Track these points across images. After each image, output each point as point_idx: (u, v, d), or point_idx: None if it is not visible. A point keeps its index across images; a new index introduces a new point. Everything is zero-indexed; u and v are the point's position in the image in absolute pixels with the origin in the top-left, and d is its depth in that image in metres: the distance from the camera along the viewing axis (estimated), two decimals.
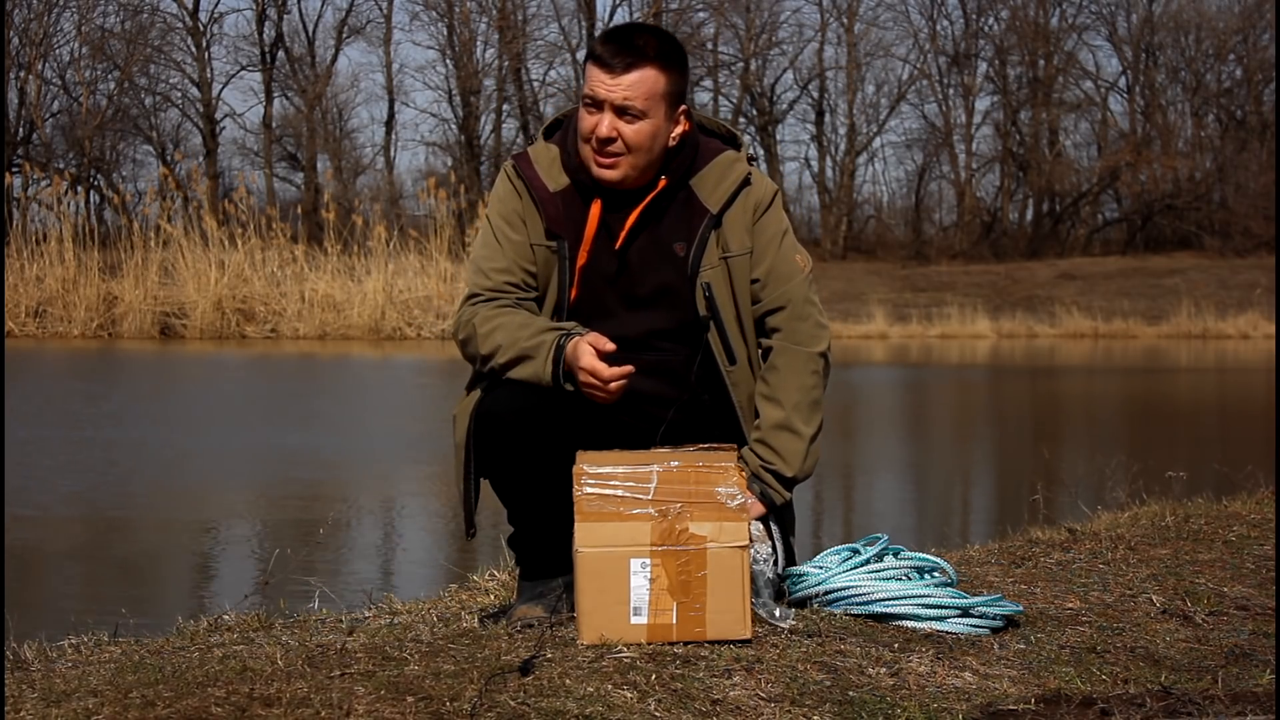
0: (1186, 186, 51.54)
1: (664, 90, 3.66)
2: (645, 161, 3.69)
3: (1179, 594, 4.15)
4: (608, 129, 3.64)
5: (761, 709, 3.06)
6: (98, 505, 9.38)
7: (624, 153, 3.66)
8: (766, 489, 3.72)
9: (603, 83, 3.64)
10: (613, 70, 3.64)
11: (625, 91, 3.63)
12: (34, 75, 47.22)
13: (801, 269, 3.84)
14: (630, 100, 3.63)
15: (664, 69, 3.67)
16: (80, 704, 2.86)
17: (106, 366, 22.68)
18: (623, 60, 3.63)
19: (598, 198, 3.72)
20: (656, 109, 3.66)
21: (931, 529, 8.26)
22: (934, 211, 54.82)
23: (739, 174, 3.77)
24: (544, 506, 3.63)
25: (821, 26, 52.89)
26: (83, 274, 29.03)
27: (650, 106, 3.65)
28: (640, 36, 3.68)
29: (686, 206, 3.75)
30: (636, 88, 3.64)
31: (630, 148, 3.66)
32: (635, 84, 3.63)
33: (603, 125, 3.64)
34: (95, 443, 12.19)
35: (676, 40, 3.79)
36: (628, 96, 3.63)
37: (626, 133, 3.65)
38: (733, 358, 3.75)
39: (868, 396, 20.38)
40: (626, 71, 3.63)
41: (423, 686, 2.95)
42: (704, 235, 3.73)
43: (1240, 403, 19.93)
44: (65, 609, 5.79)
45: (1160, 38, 53.47)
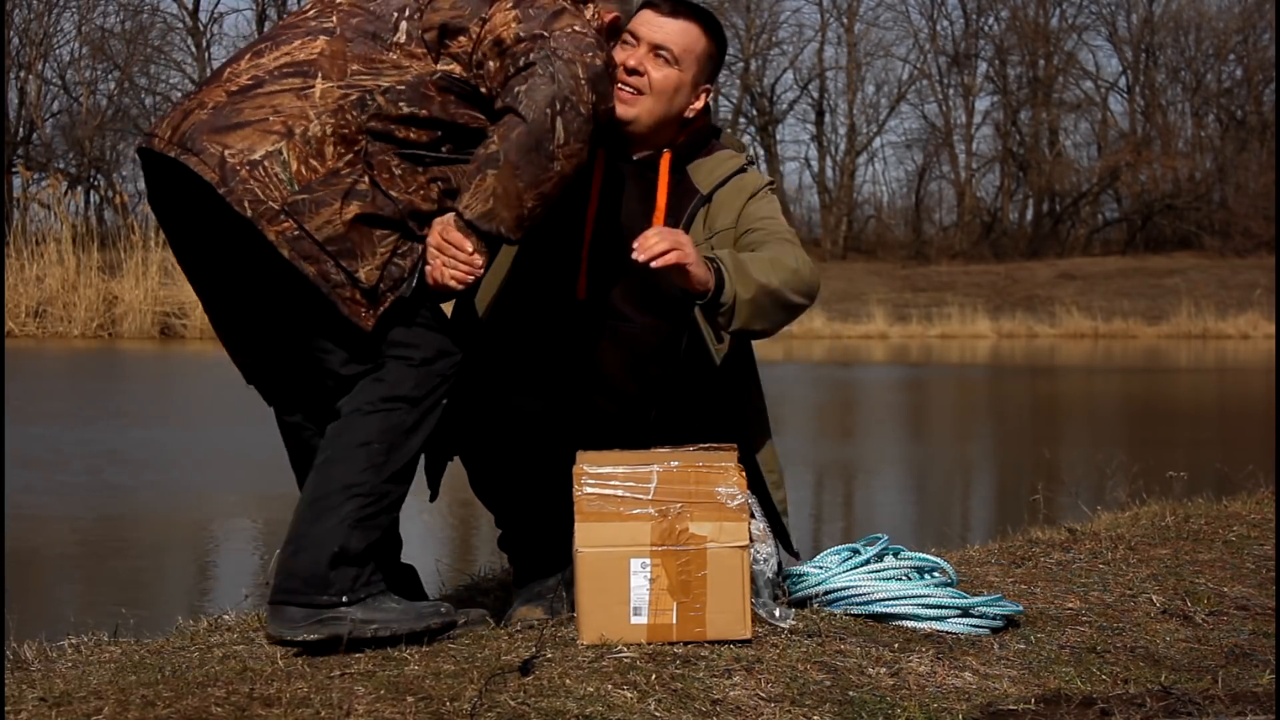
0: (1186, 186, 51.55)
1: (701, 51, 3.73)
2: (660, 112, 3.72)
3: (1179, 594, 4.15)
4: (638, 60, 3.69)
5: (761, 709, 3.06)
6: (98, 505, 9.37)
7: (645, 91, 3.69)
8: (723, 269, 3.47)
9: (648, 22, 3.71)
10: (662, 12, 3.71)
11: (666, 33, 3.70)
12: (34, 75, 47.23)
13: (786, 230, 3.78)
14: (668, 42, 3.69)
15: (708, 33, 3.74)
16: (80, 704, 2.86)
17: (106, 366, 22.68)
18: (674, 7, 3.71)
19: (601, 148, 3.72)
20: (688, 64, 3.71)
21: (931, 529, 8.26)
22: (934, 211, 54.87)
23: (733, 165, 3.81)
24: (533, 505, 3.63)
25: (821, 26, 53.01)
26: (83, 274, 29.01)
27: (683, 57, 3.70)
28: (693, 4, 3.76)
29: (680, 188, 3.77)
30: (678, 35, 3.70)
31: (652, 87, 3.69)
32: (679, 31, 3.70)
33: (634, 56, 3.69)
34: (95, 443, 12.19)
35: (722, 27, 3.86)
36: (668, 38, 3.69)
37: (653, 73, 3.69)
38: (720, 335, 3.73)
39: (868, 396, 20.38)
40: (674, 17, 3.71)
41: (423, 686, 2.95)
42: (692, 212, 3.75)
43: (1240, 403, 19.93)
44: (65, 609, 5.79)
45: (1160, 38, 53.50)
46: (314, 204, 3.22)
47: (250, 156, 3.22)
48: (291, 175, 3.22)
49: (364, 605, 3.28)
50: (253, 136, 3.23)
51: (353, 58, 3.34)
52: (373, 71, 3.32)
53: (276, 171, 3.21)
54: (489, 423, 3.61)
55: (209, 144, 3.23)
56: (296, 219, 3.21)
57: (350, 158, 3.26)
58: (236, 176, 3.20)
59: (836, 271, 45.90)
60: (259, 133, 3.24)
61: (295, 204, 3.21)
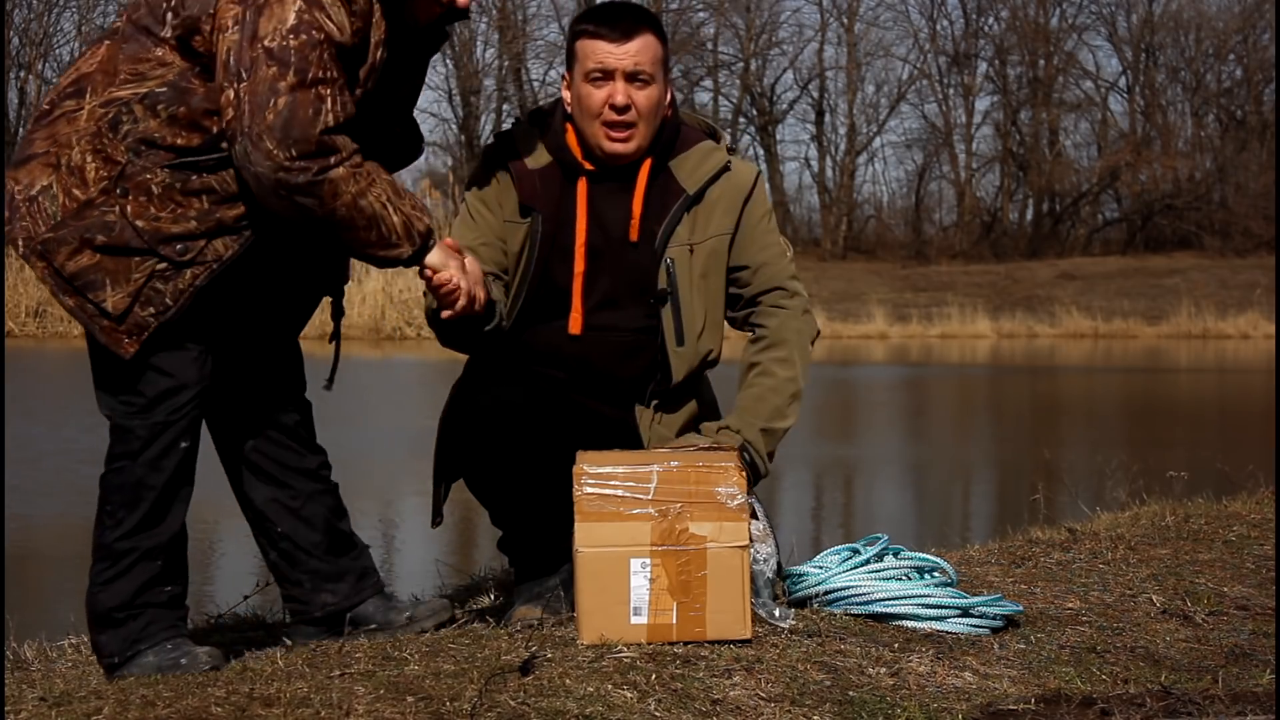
0: (1186, 186, 51.53)
1: (663, 55, 3.72)
2: (651, 130, 3.72)
3: (1179, 594, 4.15)
4: (624, 96, 3.66)
5: (761, 709, 3.06)
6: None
7: (636, 121, 3.67)
8: (756, 458, 3.70)
9: (610, 53, 3.66)
10: (617, 39, 3.65)
11: (635, 57, 3.66)
12: (34, 75, 47.23)
13: (784, 252, 3.86)
14: (641, 64, 3.66)
15: (657, 35, 3.72)
16: (80, 704, 2.86)
17: None
18: (624, 27, 3.66)
19: (583, 176, 3.73)
20: (659, 75, 3.71)
21: (931, 529, 8.26)
22: (934, 211, 54.84)
23: (719, 160, 3.79)
24: (530, 504, 3.64)
25: (821, 26, 53.00)
26: None
27: (656, 71, 3.70)
28: (626, 8, 3.72)
29: (664, 188, 3.76)
30: (644, 53, 3.67)
31: (642, 114, 3.68)
32: (642, 50, 3.67)
33: (618, 93, 3.66)
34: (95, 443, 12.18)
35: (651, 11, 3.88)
36: (638, 61, 3.66)
37: (639, 99, 3.67)
38: (681, 338, 3.74)
39: (868, 396, 20.38)
40: (631, 37, 3.66)
41: (423, 686, 2.95)
42: (677, 214, 3.73)
43: (1240, 403, 19.93)
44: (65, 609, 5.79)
45: (1160, 38, 53.49)
46: (59, 242, 3.22)
47: (30, 192, 3.24)
48: (58, 208, 3.22)
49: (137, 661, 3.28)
50: (35, 170, 3.25)
51: (123, 61, 3.25)
52: (137, 77, 3.23)
53: (46, 206, 3.23)
54: (471, 412, 3.62)
55: (9, 180, 3.28)
56: (48, 259, 3.23)
57: (106, 184, 3.21)
58: (17, 214, 3.25)
59: (836, 271, 45.90)
60: (40, 166, 3.25)
61: (46, 242, 3.23)
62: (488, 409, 3.61)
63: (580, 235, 3.71)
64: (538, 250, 3.70)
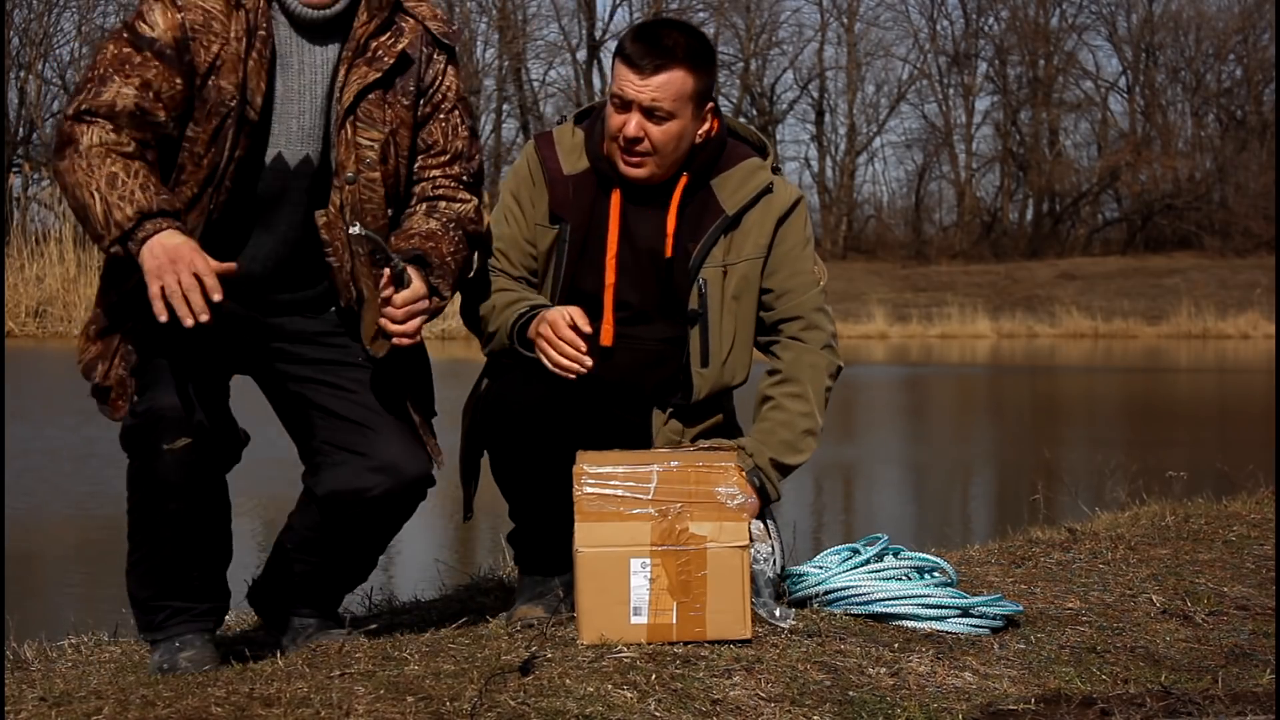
0: (1186, 186, 51.55)
1: (692, 91, 3.65)
2: (671, 160, 3.68)
3: (1179, 594, 4.15)
4: (635, 129, 3.63)
5: (761, 709, 3.06)
6: (98, 505, 9.37)
7: (650, 153, 3.65)
8: (766, 483, 3.69)
9: (631, 83, 3.62)
10: (641, 71, 3.62)
11: (654, 93, 3.61)
12: (34, 75, 47.23)
13: (816, 281, 3.82)
14: (658, 101, 3.61)
15: (692, 70, 3.64)
16: (80, 704, 2.86)
17: None
18: (652, 61, 3.61)
19: (617, 187, 3.72)
20: (684, 109, 3.65)
21: (931, 529, 8.26)
22: (934, 211, 54.89)
23: (761, 181, 3.76)
24: (548, 504, 3.63)
25: (821, 26, 52.99)
26: (83, 274, 28.99)
27: (678, 107, 3.63)
28: (669, 35, 3.66)
29: (703, 205, 3.73)
30: (665, 89, 3.62)
31: (656, 148, 3.64)
32: (664, 85, 3.61)
33: (630, 125, 3.63)
34: (95, 443, 12.18)
35: (706, 38, 3.79)
36: (656, 98, 3.61)
37: (654, 133, 3.63)
38: (706, 360, 3.73)
39: (868, 396, 20.38)
40: (655, 73, 3.61)
41: (423, 686, 2.95)
42: (714, 235, 3.71)
43: (1240, 403, 19.93)
44: (65, 609, 5.79)
45: (1160, 38, 53.51)
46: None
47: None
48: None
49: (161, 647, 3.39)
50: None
51: None
52: None
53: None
54: (498, 408, 3.62)
55: None
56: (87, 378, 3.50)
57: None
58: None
59: (836, 271, 45.76)
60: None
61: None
62: (514, 405, 3.60)
63: (611, 247, 3.70)
64: (566, 258, 3.70)
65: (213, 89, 3.29)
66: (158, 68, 3.25)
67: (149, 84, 3.24)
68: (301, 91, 3.38)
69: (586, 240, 3.70)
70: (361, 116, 3.38)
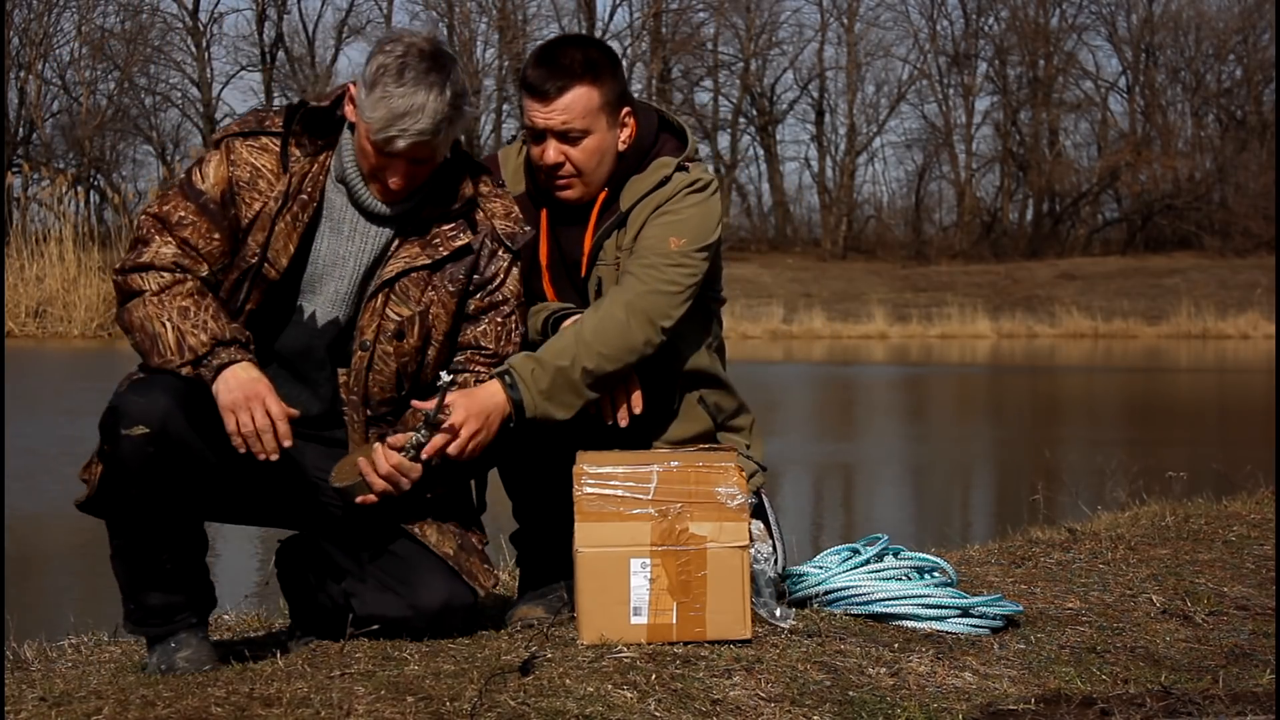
0: (1186, 186, 51.53)
1: (599, 103, 3.61)
2: (598, 176, 3.66)
3: (1179, 594, 4.15)
4: (554, 155, 3.61)
5: (761, 709, 3.06)
6: None
7: (575, 174, 3.63)
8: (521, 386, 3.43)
9: (539, 111, 3.60)
10: (545, 97, 3.59)
11: (562, 116, 3.59)
12: (34, 75, 47.21)
13: (670, 245, 3.64)
14: (569, 123, 3.59)
15: (594, 82, 3.60)
16: (80, 704, 2.86)
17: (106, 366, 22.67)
18: (553, 84, 3.58)
19: (544, 208, 3.72)
20: (597, 123, 3.62)
21: (931, 529, 8.26)
22: (934, 211, 54.84)
23: (657, 178, 3.70)
24: (551, 506, 3.63)
25: (821, 26, 52.94)
26: (83, 274, 29.00)
27: (590, 123, 3.61)
28: (565, 54, 3.62)
29: (609, 214, 3.71)
30: (572, 109, 3.59)
31: (580, 168, 3.63)
32: (570, 106, 3.59)
33: (548, 153, 3.61)
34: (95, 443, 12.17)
35: (604, 46, 3.75)
36: (565, 120, 3.59)
37: (573, 155, 3.62)
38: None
39: (868, 396, 20.39)
40: (559, 95, 3.58)
41: (423, 686, 2.95)
42: (606, 232, 3.69)
43: (1240, 403, 19.93)
44: (65, 609, 5.79)
45: (1160, 38, 53.48)
46: None
47: None
48: None
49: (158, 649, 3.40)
50: None
51: None
52: None
53: None
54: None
55: None
56: None
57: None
58: None
59: (836, 271, 45.90)
60: None
61: None
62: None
63: (544, 266, 3.72)
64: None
65: (244, 244, 3.39)
66: (195, 223, 3.37)
67: (187, 240, 3.37)
68: (347, 258, 3.45)
69: (530, 259, 3.69)
70: (397, 291, 3.43)
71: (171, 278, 3.33)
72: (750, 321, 36.01)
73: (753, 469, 3.80)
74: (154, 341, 3.29)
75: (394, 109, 3.28)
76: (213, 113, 49.13)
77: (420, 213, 3.45)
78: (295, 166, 3.40)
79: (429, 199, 3.45)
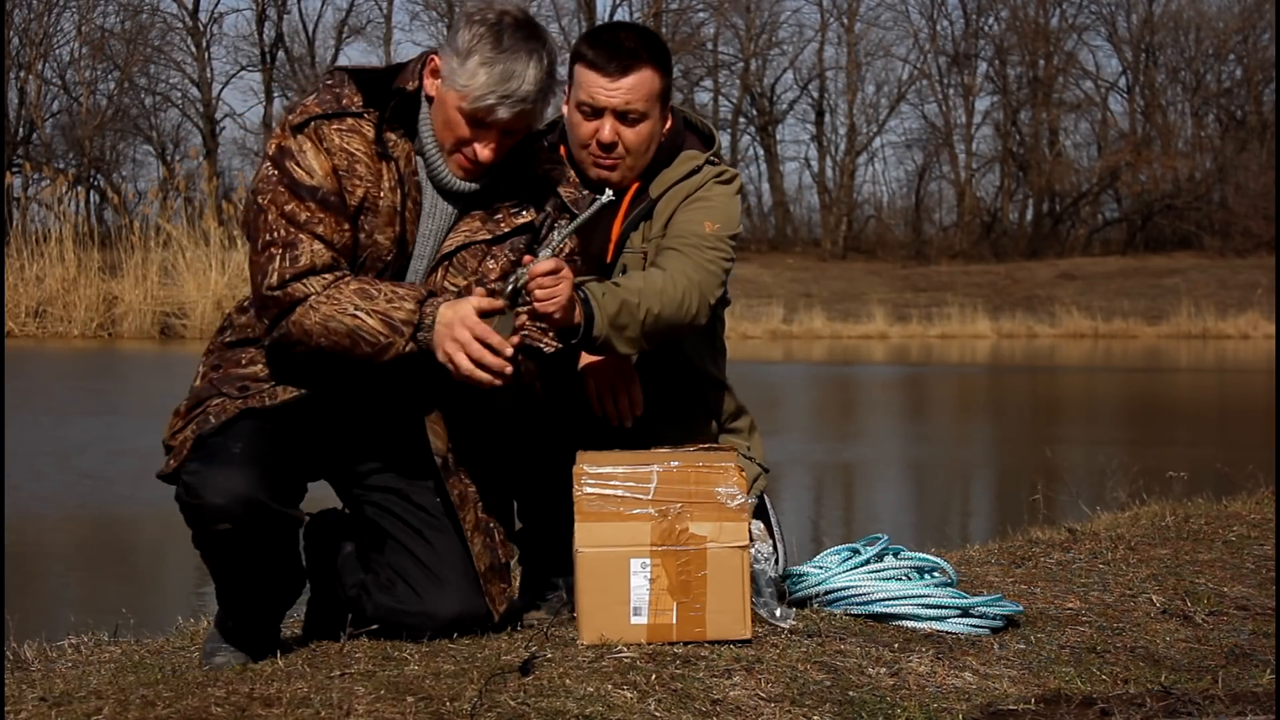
0: (1186, 186, 51.52)
1: (660, 90, 3.66)
2: (643, 163, 3.70)
3: (1179, 594, 4.15)
4: (610, 134, 3.63)
5: (761, 709, 3.06)
6: (98, 505, 9.37)
7: (624, 155, 3.65)
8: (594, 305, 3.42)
9: (603, 88, 3.62)
10: (611, 74, 3.61)
11: (627, 95, 3.61)
12: (34, 75, 47.21)
13: (705, 228, 3.69)
14: (632, 103, 3.62)
15: (657, 69, 3.66)
16: (80, 704, 2.86)
17: (106, 366, 22.68)
18: (620, 63, 3.61)
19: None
20: (654, 109, 3.66)
21: (931, 529, 8.26)
22: (934, 211, 54.83)
23: (686, 169, 3.75)
24: (552, 506, 3.63)
25: (821, 26, 52.93)
26: (83, 274, 28.98)
27: (649, 107, 3.65)
28: (629, 38, 3.66)
29: (637, 204, 3.74)
30: (637, 90, 3.62)
31: (630, 150, 3.65)
32: (635, 87, 3.62)
33: (605, 130, 3.63)
34: (95, 443, 12.19)
35: (660, 37, 3.80)
36: (629, 100, 3.61)
37: (628, 136, 3.64)
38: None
39: (868, 396, 20.39)
40: (625, 74, 3.61)
41: (423, 686, 2.95)
42: (635, 220, 3.71)
43: (1240, 403, 19.93)
44: (65, 609, 5.80)
45: (1160, 38, 53.48)
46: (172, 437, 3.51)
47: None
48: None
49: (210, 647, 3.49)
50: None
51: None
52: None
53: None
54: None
55: None
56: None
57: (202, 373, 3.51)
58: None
59: (836, 271, 45.88)
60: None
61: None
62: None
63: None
64: None
65: (366, 237, 3.30)
66: (324, 219, 3.25)
67: (321, 237, 3.25)
68: (428, 236, 3.40)
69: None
70: (455, 263, 3.38)
71: (332, 276, 3.24)
72: (750, 321, 36.01)
73: (756, 471, 3.81)
74: (355, 335, 3.20)
75: (496, 75, 3.20)
76: (213, 113, 49.15)
77: (491, 189, 3.39)
78: (395, 151, 3.32)
79: (500, 176, 3.39)
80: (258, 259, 3.25)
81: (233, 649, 3.43)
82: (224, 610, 3.44)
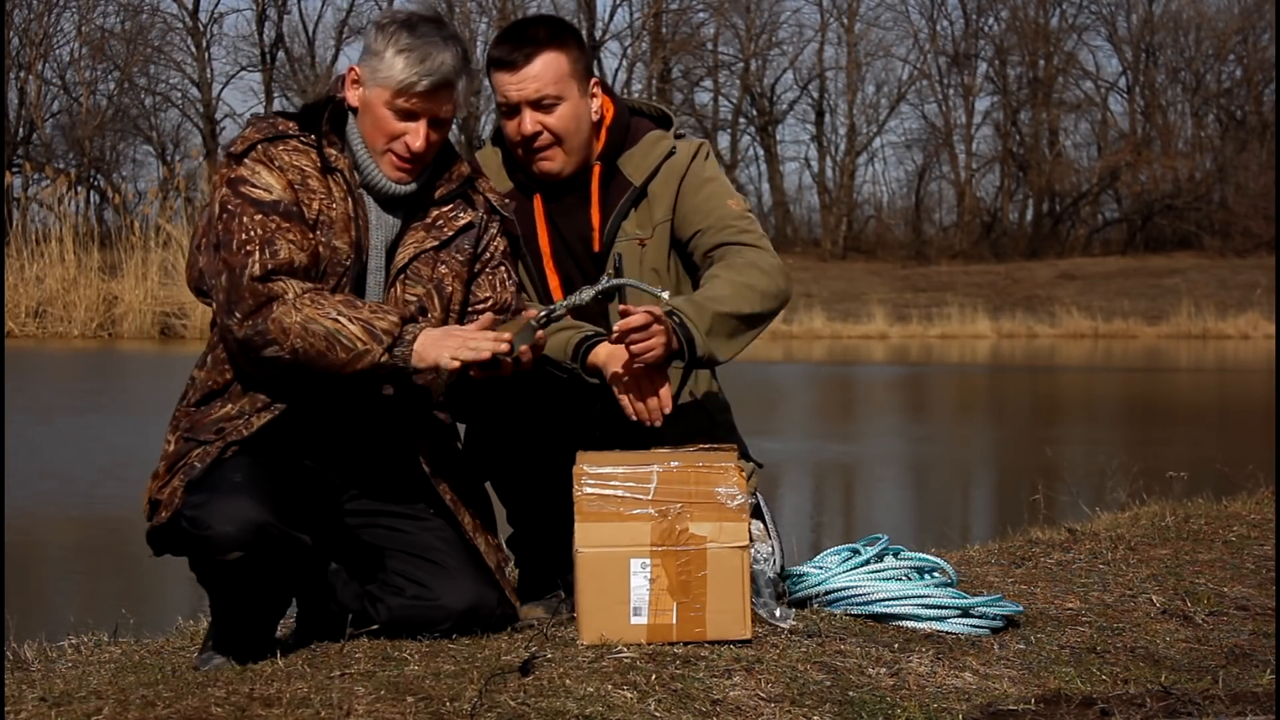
0: (1186, 186, 51.52)
1: (569, 69, 3.66)
2: (577, 143, 3.69)
3: (1179, 594, 4.15)
4: (531, 125, 3.64)
5: (761, 709, 3.06)
6: (98, 505, 9.38)
7: (554, 142, 3.66)
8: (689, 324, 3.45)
9: (511, 83, 3.64)
10: (514, 67, 3.63)
11: (535, 83, 3.63)
12: (34, 75, 47.21)
13: (732, 208, 3.72)
14: (542, 90, 3.63)
15: (561, 48, 3.66)
16: (80, 704, 2.86)
17: (106, 366, 22.68)
18: (521, 53, 3.63)
19: (537, 193, 3.74)
20: (569, 89, 3.66)
21: (931, 529, 8.26)
22: (934, 211, 54.84)
23: (663, 150, 3.75)
24: (549, 506, 3.63)
25: (821, 26, 52.92)
26: (83, 274, 29.00)
27: (562, 89, 3.64)
28: (529, 28, 3.68)
29: (617, 187, 3.74)
30: (543, 75, 3.63)
31: (558, 135, 3.66)
32: (540, 73, 3.63)
33: (525, 123, 3.65)
34: (95, 443, 12.19)
35: (563, 19, 3.80)
36: (539, 88, 3.63)
37: (550, 122, 3.65)
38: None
39: (868, 396, 20.39)
40: (528, 63, 3.63)
41: (423, 686, 2.95)
42: (624, 208, 3.71)
43: (1240, 403, 19.94)
44: (65, 609, 5.80)
45: (1160, 38, 53.48)
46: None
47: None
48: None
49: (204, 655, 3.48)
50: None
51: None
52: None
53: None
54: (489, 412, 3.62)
55: None
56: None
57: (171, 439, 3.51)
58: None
59: (836, 271, 45.87)
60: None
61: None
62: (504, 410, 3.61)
63: (545, 252, 3.73)
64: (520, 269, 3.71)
65: (325, 246, 3.34)
66: (290, 227, 3.30)
67: (296, 243, 3.29)
68: (379, 248, 3.44)
69: (527, 252, 3.71)
70: (410, 275, 3.43)
71: (311, 285, 3.28)
72: None
73: (751, 468, 3.81)
74: (332, 339, 3.22)
75: (415, 58, 3.30)
76: (213, 113, 49.18)
77: (424, 195, 3.46)
78: (338, 164, 3.38)
79: (429, 185, 3.46)
80: (233, 257, 3.26)
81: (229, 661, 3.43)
82: (220, 629, 3.44)
